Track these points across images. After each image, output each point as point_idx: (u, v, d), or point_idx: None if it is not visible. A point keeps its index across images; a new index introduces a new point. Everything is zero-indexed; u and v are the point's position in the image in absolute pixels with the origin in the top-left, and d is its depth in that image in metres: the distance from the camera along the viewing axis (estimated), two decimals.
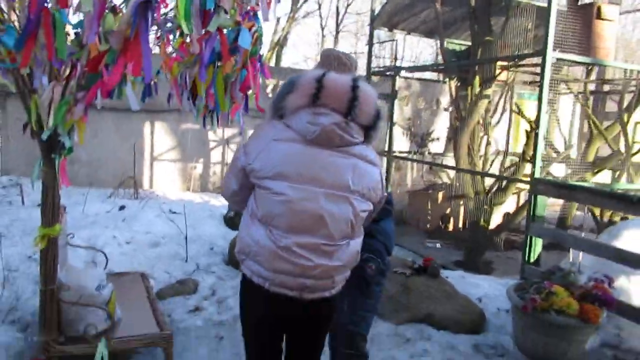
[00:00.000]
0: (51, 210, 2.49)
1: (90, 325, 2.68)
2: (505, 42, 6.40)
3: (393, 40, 9.12)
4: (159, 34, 2.15)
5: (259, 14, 2.47)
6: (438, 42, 8.08)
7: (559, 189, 4.66)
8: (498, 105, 8.23)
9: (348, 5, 20.13)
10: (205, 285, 4.57)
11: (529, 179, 5.22)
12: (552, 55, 4.80)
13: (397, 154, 8.71)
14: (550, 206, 7.56)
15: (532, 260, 4.87)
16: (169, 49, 2.15)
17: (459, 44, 8.33)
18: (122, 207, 6.84)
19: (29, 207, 6.72)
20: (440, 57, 8.49)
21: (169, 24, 1.84)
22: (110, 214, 6.40)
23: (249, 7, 2.34)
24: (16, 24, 1.95)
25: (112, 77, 1.66)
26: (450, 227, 8.40)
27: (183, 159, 10.16)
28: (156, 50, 2.17)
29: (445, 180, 8.66)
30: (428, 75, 10.57)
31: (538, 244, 4.90)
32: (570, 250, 4.67)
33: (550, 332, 3.50)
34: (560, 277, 4.02)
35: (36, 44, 1.56)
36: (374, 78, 8.43)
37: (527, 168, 6.33)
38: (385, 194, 2.06)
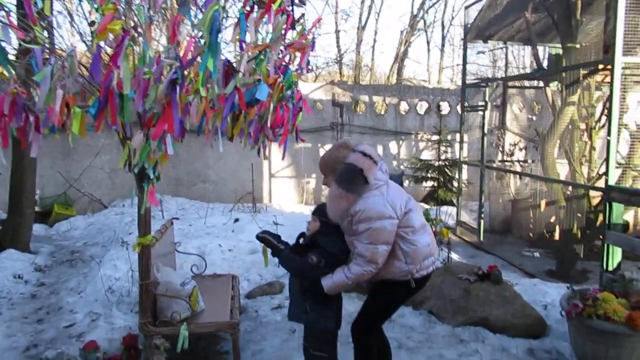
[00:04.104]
0: (144, 224, 3.32)
1: (175, 312, 3.47)
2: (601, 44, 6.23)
3: (492, 50, 9.14)
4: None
5: (290, 67, 3.11)
6: (540, 48, 7.99)
7: (632, 196, 4.55)
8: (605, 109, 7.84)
9: (452, 18, 20.09)
10: None
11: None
12: (621, 60, 4.73)
13: (494, 164, 8.71)
14: None
15: (610, 268, 4.79)
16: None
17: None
18: (236, 220, 7.87)
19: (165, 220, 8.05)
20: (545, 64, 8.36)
21: (190, 96, 2.53)
22: (225, 226, 7.45)
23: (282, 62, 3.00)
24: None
25: (156, 132, 2.40)
26: (557, 236, 8.15)
27: (297, 175, 11.14)
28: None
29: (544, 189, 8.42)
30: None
31: (616, 253, 4.81)
32: None
33: (596, 338, 3.57)
34: (622, 284, 4.02)
35: (106, 114, 2.34)
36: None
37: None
38: None
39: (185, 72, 2.48)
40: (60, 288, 5.48)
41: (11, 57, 2.46)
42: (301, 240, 3.15)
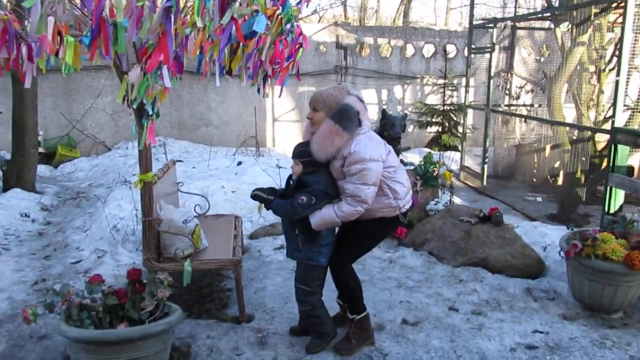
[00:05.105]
0: (145, 160, 3.31)
1: (178, 249, 3.52)
2: None
3: None
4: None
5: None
6: None
7: (638, 137, 4.49)
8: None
9: None
10: None
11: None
12: None
13: (500, 108, 8.59)
14: None
15: (612, 211, 4.79)
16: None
17: None
18: (239, 163, 7.86)
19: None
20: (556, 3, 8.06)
21: (187, 29, 2.44)
22: (228, 168, 7.45)
23: None
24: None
25: (152, 63, 2.34)
26: (560, 180, 8.14)
27: (300, 119, 11.03)
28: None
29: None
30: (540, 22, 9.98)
31: (619, 195, 4.79)
32: None
33: (594, 277, 3.61)
34: (622, 225, 4.03)
35: (100, 43, 2.28)
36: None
37: None
38: None
39: (181, 3, 2.39)
40: (66, 226, 5.57)
41: None
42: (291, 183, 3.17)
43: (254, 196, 3.14)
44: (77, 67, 2.40)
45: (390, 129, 5.05)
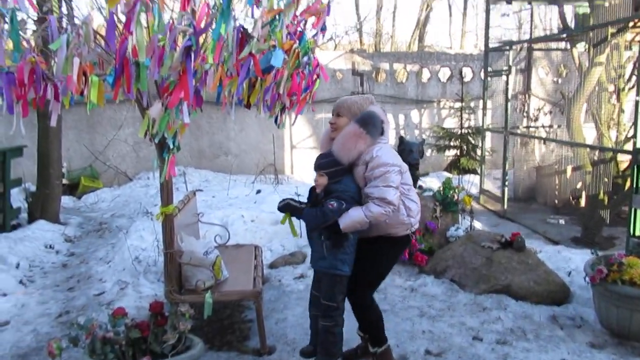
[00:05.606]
0: (166, 193, 3.36)
1: (200, 280, 3.54)
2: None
3: (516, 12, 8.87)
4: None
5: (306, 33, 3.06)
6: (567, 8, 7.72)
7: None
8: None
9: None
10: None
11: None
12: None
13: (518, 130, 8.54)
14: None
15: (637, 233, 4.70)
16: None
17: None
18: (258, 191, 7.92)
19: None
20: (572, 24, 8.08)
21: (207, 65, 2.51)
22: (247, 197, 7.51)
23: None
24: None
25: (173, 100, 2.40)
26: (583, 202, 8.00)
27: (318, 146, 11.07)
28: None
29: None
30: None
31: None
32: None
33: (621, 303, 3.52)
34: None
35: (123, 82, 2.35)
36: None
37: None
38: None
39: (200, 40, 2.46)
40: (89, 258, 5.64)
41: (29, 27, 2.47)
42: (317, 191, 3.15)
43: (284, 206, 3.13)
44: (102, 104, 2.47)
45: (408, 155, 5.05)
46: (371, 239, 3.03)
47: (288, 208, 3.12)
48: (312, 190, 3.18)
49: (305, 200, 3.24)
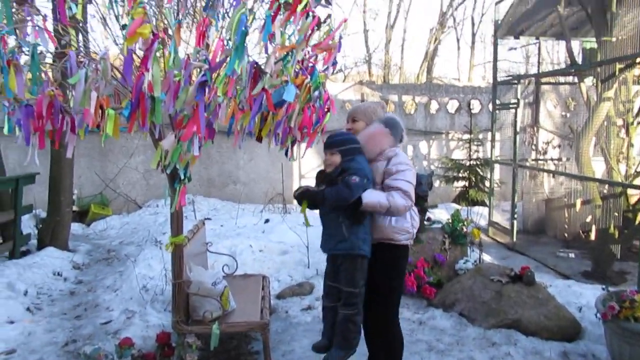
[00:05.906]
0: (176, 223, 3.39)
1: (207, 311, 3.53)
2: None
3: (524, 46, 8.98)
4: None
5: (317, 66, 3.13)
6: (574, 43, 7.81)
7: None
8: None
9: (482, 14, 19.82)
10: (320, 288, 5.25)
11: None
12: None
13: (526, 162, 8.54)
14: None
15: None
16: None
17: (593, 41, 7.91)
18: (266, 221, 7.94)
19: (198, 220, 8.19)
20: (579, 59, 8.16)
21: (219, 98, 2.57)
22: (255, 226, 7.52)
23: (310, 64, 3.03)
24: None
25: (186, 134, 2.46)
26: (593, 236, 7.93)
27: None
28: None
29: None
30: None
31: None
32: None
33: (634, 341, 3.47)
34: None
35: (138, 115, 2.41)
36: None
37: None
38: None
39: (214, 75, 2.52)
40: (97, 286, 5.65)
41: (48, 61, 2.54)
42: (328, 170, 3.12)
43: (301, 194, 3.03)
44: (117, 137, 2.53)
45: (417, 188, 5.05)
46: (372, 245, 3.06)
47: (306, 195, 3.01)
48: (320, 175, 3.14)
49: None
